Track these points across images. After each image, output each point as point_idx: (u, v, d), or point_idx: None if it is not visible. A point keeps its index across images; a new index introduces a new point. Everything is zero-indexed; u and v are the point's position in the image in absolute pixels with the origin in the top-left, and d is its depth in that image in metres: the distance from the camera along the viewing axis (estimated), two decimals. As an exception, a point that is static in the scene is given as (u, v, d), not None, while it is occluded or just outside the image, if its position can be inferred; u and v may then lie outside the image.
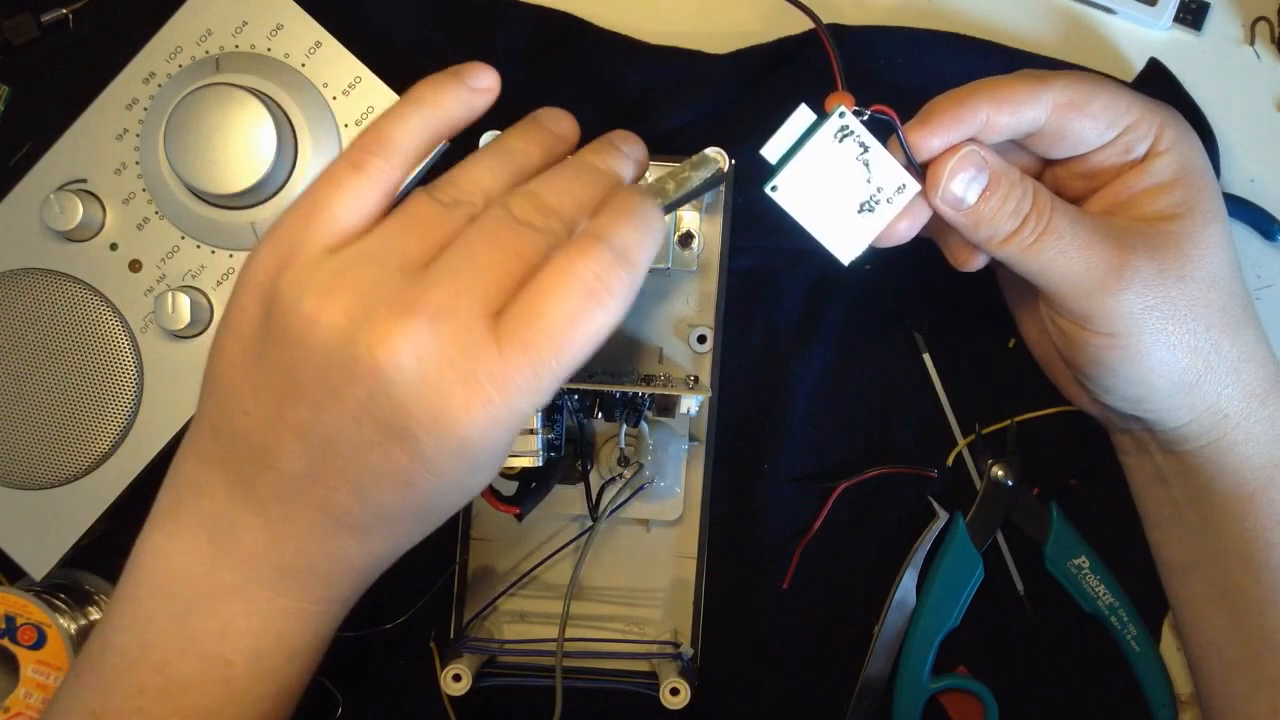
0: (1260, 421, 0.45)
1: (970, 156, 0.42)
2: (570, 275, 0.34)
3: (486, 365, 0.34)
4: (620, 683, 0.51)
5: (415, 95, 0.39)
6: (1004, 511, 0.53)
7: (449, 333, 0.34)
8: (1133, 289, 0.42)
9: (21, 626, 0.50)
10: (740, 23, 0.55)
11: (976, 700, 0.53)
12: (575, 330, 0.34)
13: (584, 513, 0.52)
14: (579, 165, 0.39)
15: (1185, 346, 0.43)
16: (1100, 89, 0.43)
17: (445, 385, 0.34)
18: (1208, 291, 0.43)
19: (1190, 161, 0.44)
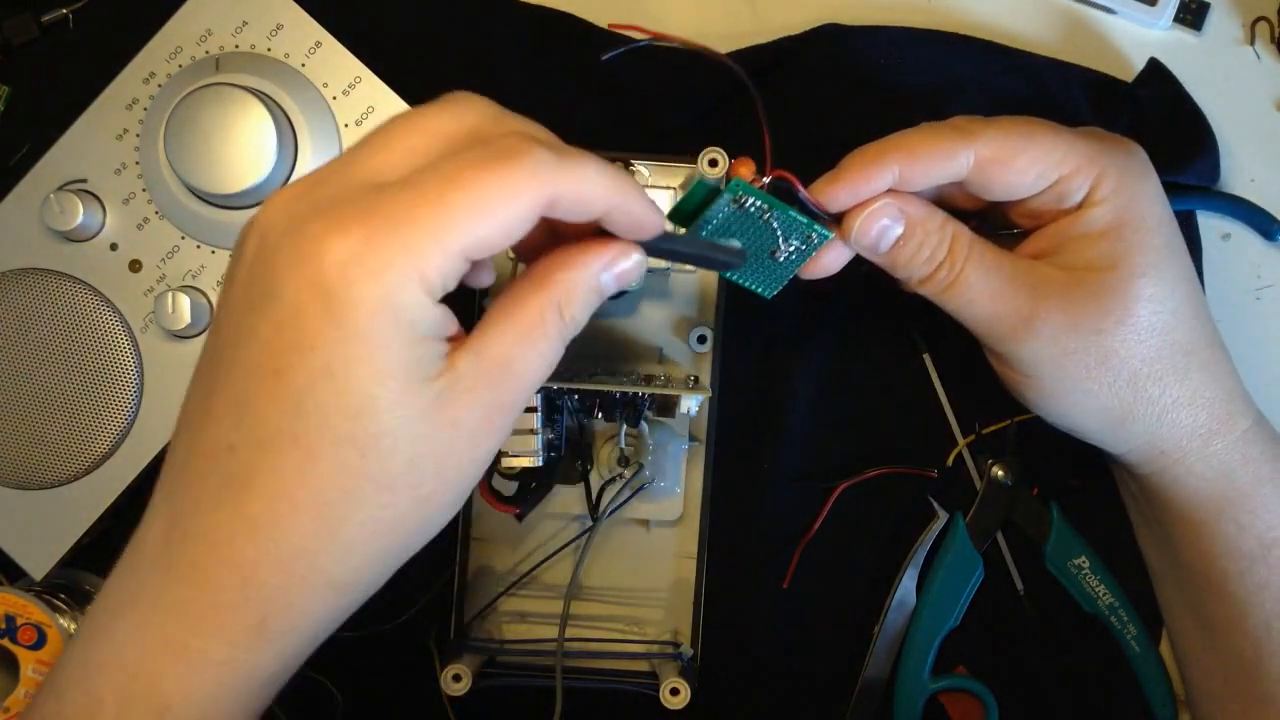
0: (1203, 459, 0.45)
1: (882, 210, 0.42)
2: (479, 143, 0.32)
3: (353, 203, 0.31)
4: (620, 683, 0.51)
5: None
6: (1004, 511, 0.53)
7: (327, 189, 0.32)
8: (1040, 339, 0.43)
9: (21, 626, 0.50)
10: (740, 23, 0.55)
11: (976, 700, 0.53)
12: (471, 174, 0.31)
13: (584, 513, 0.52)
14: None
15: (1103, 393, 0.44)
16: (1031, 142, 0.42)
17: (306, 224, 0.31)
18: (1134, 344, 0.43)
19: (1128, 213, 0.43)
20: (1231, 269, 0.55)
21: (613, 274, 0.36)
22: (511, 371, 0.34)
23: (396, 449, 0.32)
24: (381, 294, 0.31)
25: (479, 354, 0.33)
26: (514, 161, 0.32)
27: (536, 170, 0.32)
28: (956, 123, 0.43)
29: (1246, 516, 0.45)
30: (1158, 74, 0.53)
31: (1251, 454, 0.45)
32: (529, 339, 0.34)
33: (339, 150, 0.50)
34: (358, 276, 0.30)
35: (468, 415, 0.33)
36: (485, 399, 0.33)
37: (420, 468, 0.33)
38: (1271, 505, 0.45)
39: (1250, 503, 0.45)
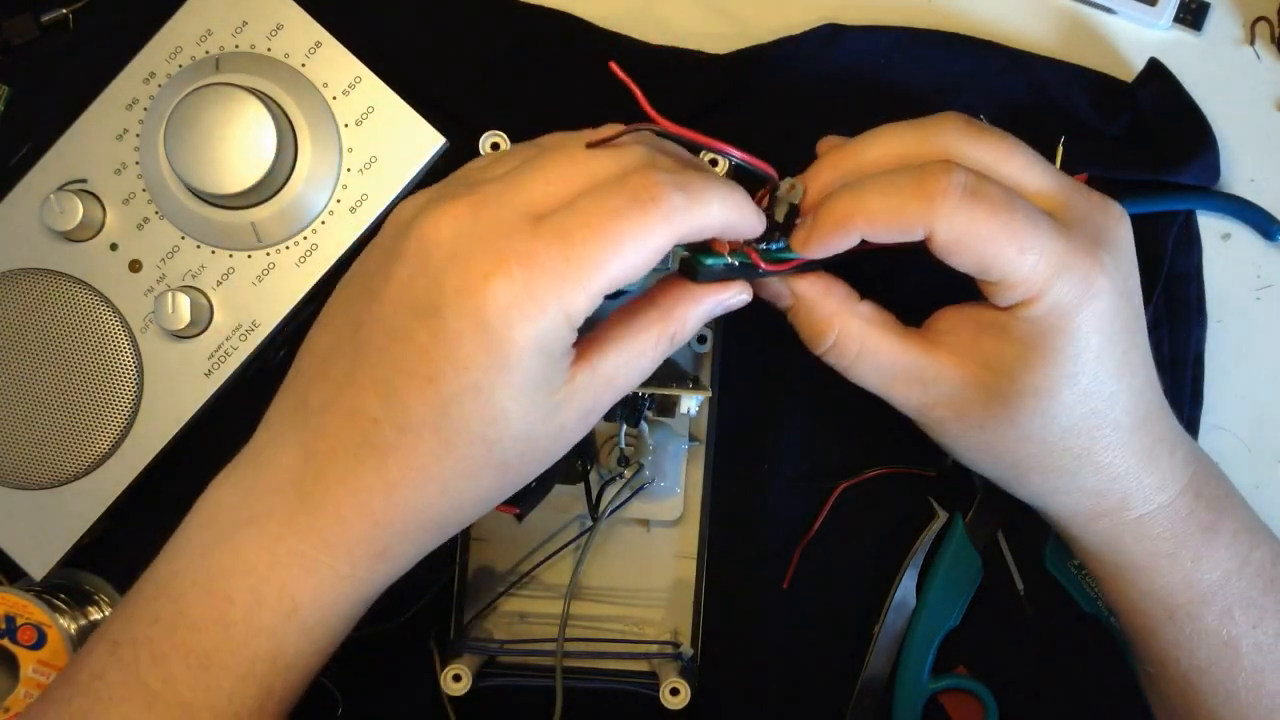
0: (1088, 534, 0.45)
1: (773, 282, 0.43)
2: (620, 182, 0.36)
3: (515, 242, 0.35)
4: (620, 683, 0.51)
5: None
6: (1004, 511, 0.53)
7: (490, 215, 0.36)
8: (932, 423, 0.44)
9: (21, 626, 0.50)
10: (740, 23, 0.55)
11: (976, 700, 0.53)
12: (613, 226, 0.35)
13: (584, 513, 0.52)
14: None
15: (988, 467, 0.45)
16: (993, 249, 0.39)
17: (473, 257, 0.35)
18: (1015, 442, 0.43)
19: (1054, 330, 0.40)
20: (1231, 269, 0.55)
21: (724, 307, 0.41)
22: (615, 385, 0.39)
23: (515, 445, 0.38)
24: (532, 334, 0.35)
25: (595, 370, 0.38)
26: (649, 210, 0.36)
27: (669, 216, 0.36)
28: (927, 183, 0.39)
29: (1144, 583, 0.44)
30: (1158, 74, 0.53)
31: (1146, 533, 0.44)
32: (637, 360, 0.39)
33: (339, 151, 0.50)
34: (515, 319, 0.35)
35: (573, 418, 0.38)
36: (590, 405, 0.39)
37: (528, 456, 0.38)
38: (1170, 577, 0.44)
39: (1146, 573, 0.44)
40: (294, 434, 0.39)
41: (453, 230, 0.36)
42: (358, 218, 0.50)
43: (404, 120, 0.50)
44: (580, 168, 0.37)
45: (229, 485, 0.40)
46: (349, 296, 0.40)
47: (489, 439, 0.37)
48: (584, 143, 0.39)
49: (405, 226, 0.37)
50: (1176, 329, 0.54)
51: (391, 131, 0.50)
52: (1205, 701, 0.45)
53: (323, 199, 0.50)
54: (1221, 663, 0.44)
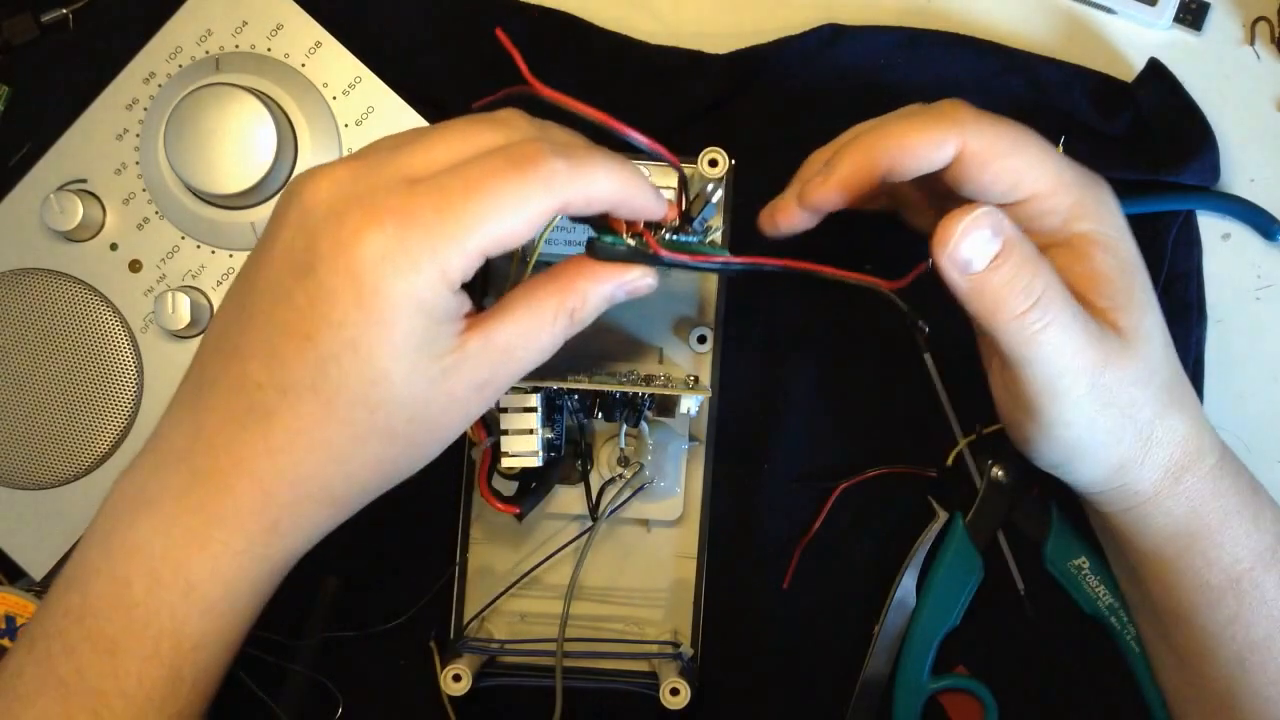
0: (1173, 497, 0.44)
1: (984, 218, 0.38)
2: (503, 152, 0.36)
3: (390, 199, 0.35)
4: (620, 683, 0.51)
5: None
6: (1004, 511, 0.53)
7: (369, 177, 0.36)
8: (1095, 395, 0.41)
9: (22, 626, 0.50)
10: (740, 23, 0.55)
11: (976, 700, 0.53)
12: (490, 184, 0.35)
13: (584, 513, 0.52)
14: None
15: (1119, 446, 0.43)
16: (1018, 149, 0.41)
17: (348, 213, 0.35)
18: (1144, 387, 0.42)
19: (1120, 250, 0.42)
20: (1231, 269, 0.55)
21: (626, 289, 0.40)
22: (513, 357, 0.38)
23: (401, 411, 0.37)
24: (405, 288, 0.35)
25: (488, 339, 0.38)
26: (527, 171, 0.36)
27: (549, 180, 0.36)
28: (946, 110, 0.41)
29: (1214, 551, 0.44)
30: (1158, 74, 0.53)
31: (1220, 488, 0.44)
32: (535, 333, 0.38)
33: (339, 152, 0.50)
34: (387, 272, 0.35)
35: (465, 389, 0.38)
36: (484, 377, 0.38)
37: (418, 425, 0.38)
38: (1238, 538, 0.44)
39: (1217, 536, 0.44)
40: (188, 412, 0.39)
41: (330, 192, 0.36)
42: (358, 218, 0.50)
43: (404, 120, 0.50)
44: (467, 138, 0.37)
45: (131, 471, 0.40)
46: (242, 272, 0.39)
47: (371, 401, 0.36)
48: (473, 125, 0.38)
49: (289, 195, 0.37)
50: (1176, 329, 0.53)
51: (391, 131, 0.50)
52: (1253, 682, 0.44)
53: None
54: (1277, 636, 0.44)
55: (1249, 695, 0.44)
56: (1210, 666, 0.45)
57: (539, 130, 0.39)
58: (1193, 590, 0.45)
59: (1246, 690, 0.44)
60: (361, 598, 0.52)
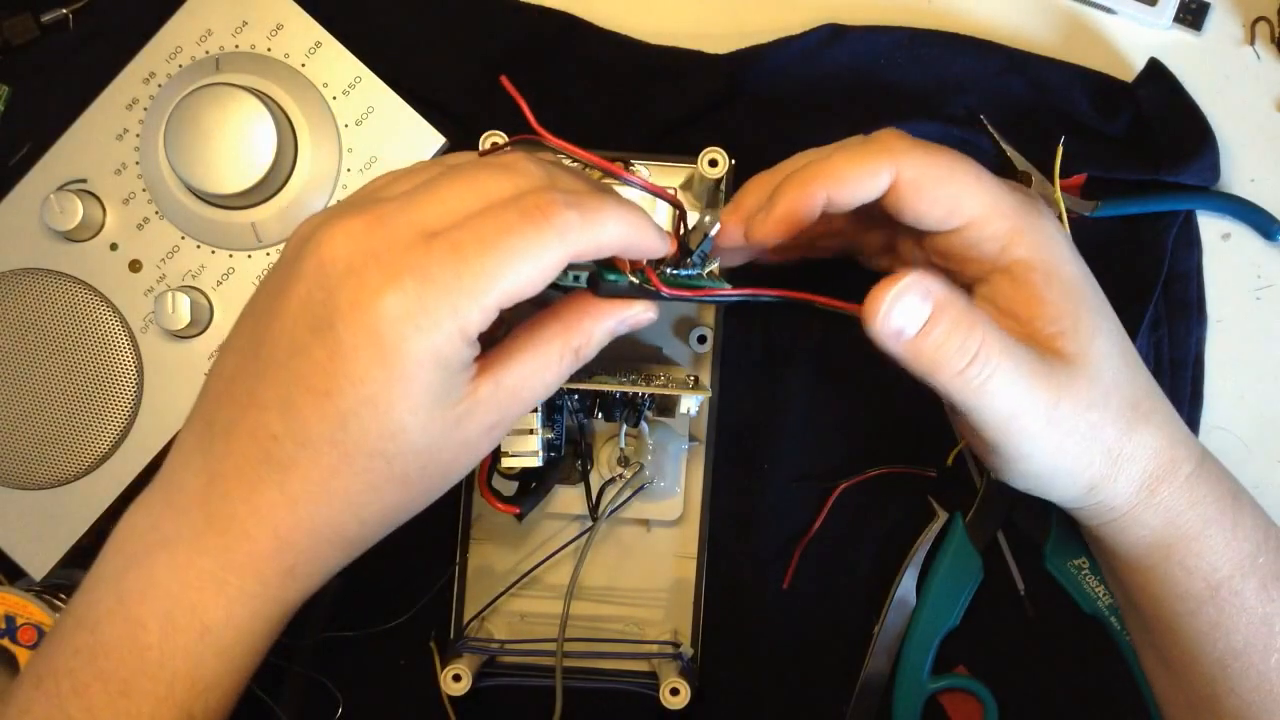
0: (1149, 509, 0.44)
1: (911, 285, 0.38)
2: (515, 202, 0.37)
3: (409, 257, 0.35)
4: (620, 683, 0.51)
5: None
6: (1004, 511, 0.53)
7: (385, 232, 0.36)
8: (1052, 428, 0.41)
9: (21, 626, 0.50)
10: (740, 23, 0.55)
11: (976, 700, 0.53)
12: (505, 240, 0.36)
13: (584, 513, 0.52)
14: None
15: (1081, 463, 0.42)
16: (953, 176, 0.41)
17: (367, 271, 0.35)
18: (1103, 409, 0.42)
19: (1063, 274, 0.42)
20: (1231, 269, 0.55)
21: (628, 324, 0.41)
22: (521, 398, 0.39)
23: (416, 459, 0.38)
24: (426, 346, 0.35)
25: (498, 383, 0.38)
26: (541, 225, 0.36)
27: (563, 233, 0.36)
28: (881, 140, 0.41)
29: (1192, 560, 0.44)
30: (1158, 74, 0.53)
31: (1196, 496, 0.44)
32: (542, 373, 0.39)
33: (339, 151, 0.50)
34: (408, 331, 0.35)
35: (477, 432, 0.38)
36: (494, 419, 0.39)
37: (431, 470, 0.38)
38: (1215, 546, 0.44)
39: (1195, 545, 0.44)
40: (200, 457, 0.39)
41: (348, 247, 0.36)
42: (358, 218, 0.50)
43: (404, 120, 0.50)
44: (477, 187, 0.37)
45: (141, 510, 0.40)
46: (253, 315, 0.39)
47: (388, 453, 0.37)
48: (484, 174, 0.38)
49: (303, 243, 0.37)
50: (1176, 329, 0.54)
51: (391, 131, 0.50)
52: (1235, 688, 0.44)
53: (323, 199, 0.50)
54: (1257, 643, 0.44)
55: (1233, 701, 0.44)
56: (1193, 673, 0.45)
57: (547, 176, 0.39)
58: (1173, 599, 0.45)
59: (1230, 696, 0.45)
60: (361, 598, 0.52)
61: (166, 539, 0.39)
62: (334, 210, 0.38)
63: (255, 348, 0.38)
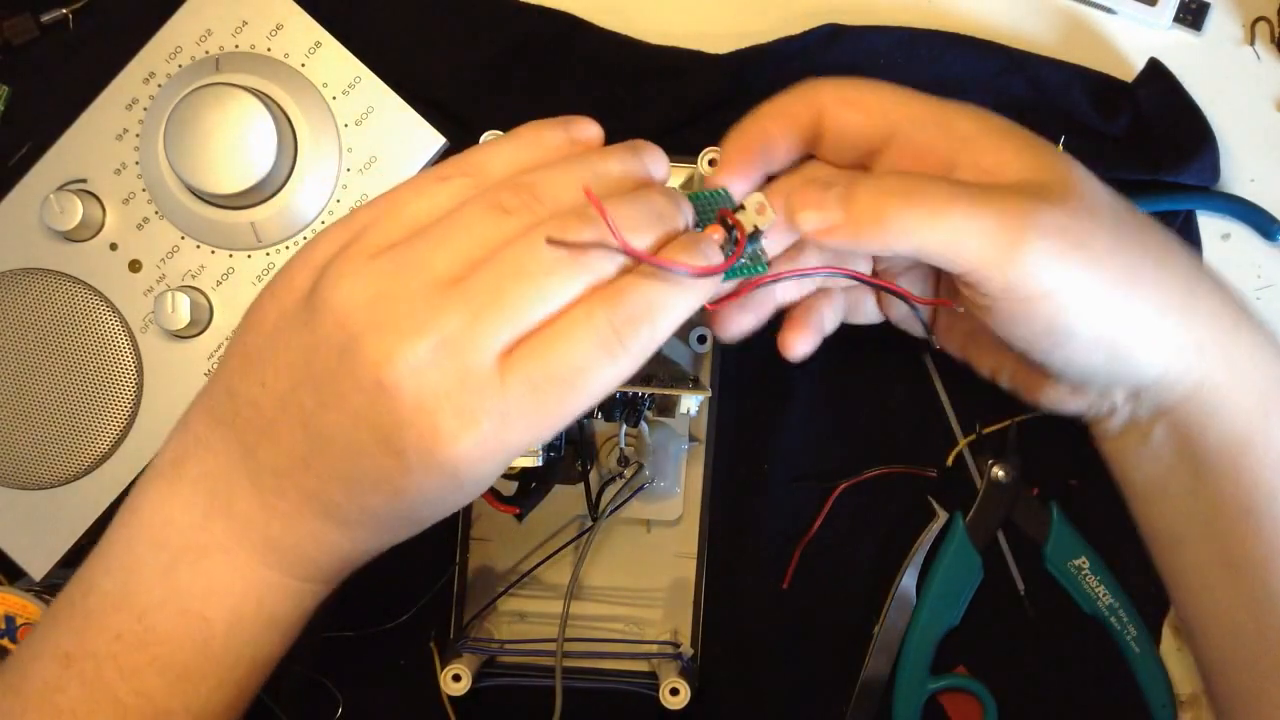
0: (1239, 348, 0.41)
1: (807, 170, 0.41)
2: (588, 324, 0.35)
3: (485, 400, 0.34)
4: (620, 683, 0.51)
5: (517, 132, 0.38)
6: (1004, 511, 0.53)
7: (453, 365, 0.34)
8: (1042, 234, 0.38)
9: (21, 626, 0.50)
10: (740, 23, 0.55)
11: (976, 700, 0.53)
12: (582, 379, 0.35)
13: (584, 513, 0.52)
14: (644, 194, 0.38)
15: (1125, 282, 0.39)
16: (870, 86, 0.42)
17: (440, 414, 0.34)
18: (1120, 223, 0.40)
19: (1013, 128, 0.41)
20: (1231, 269, 0.55)
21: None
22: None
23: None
24: (496, 470, 0.36)
25: None
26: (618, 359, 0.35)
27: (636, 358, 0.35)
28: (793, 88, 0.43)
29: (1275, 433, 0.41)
30: (1158, 74, 0.53)
31: (1276, 342, 0.42)
32: None
33: (339, 151, 0.50)
34: (484, 470, 0.36)
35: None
36: None
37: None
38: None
39: (1274, 420, 0.41)
40: (246, 483, 0.39)
41: (414, 381, 0.34)
42: (358, 218, 0.50)
43: (404, 120, 0.50)
44: (543, 284, 0.35)
45: (178, 506, 0.40)
46: (287, 361, 0.37)
47: (429, 518, 0.39)
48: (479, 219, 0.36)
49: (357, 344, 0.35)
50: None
51: (391, 131, 0.50)
52: None
53: (322, 199, 0.50)
54: None
55: None
56: (1277, 568, 0.42)
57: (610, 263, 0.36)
58: (1271, 468, 0.42)
59: None
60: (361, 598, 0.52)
61: (222, 544, 0.39)
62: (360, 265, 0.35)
63: (298, 406, 0.37)
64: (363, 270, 0.35)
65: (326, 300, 0.35)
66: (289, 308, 0.37)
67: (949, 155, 0.41)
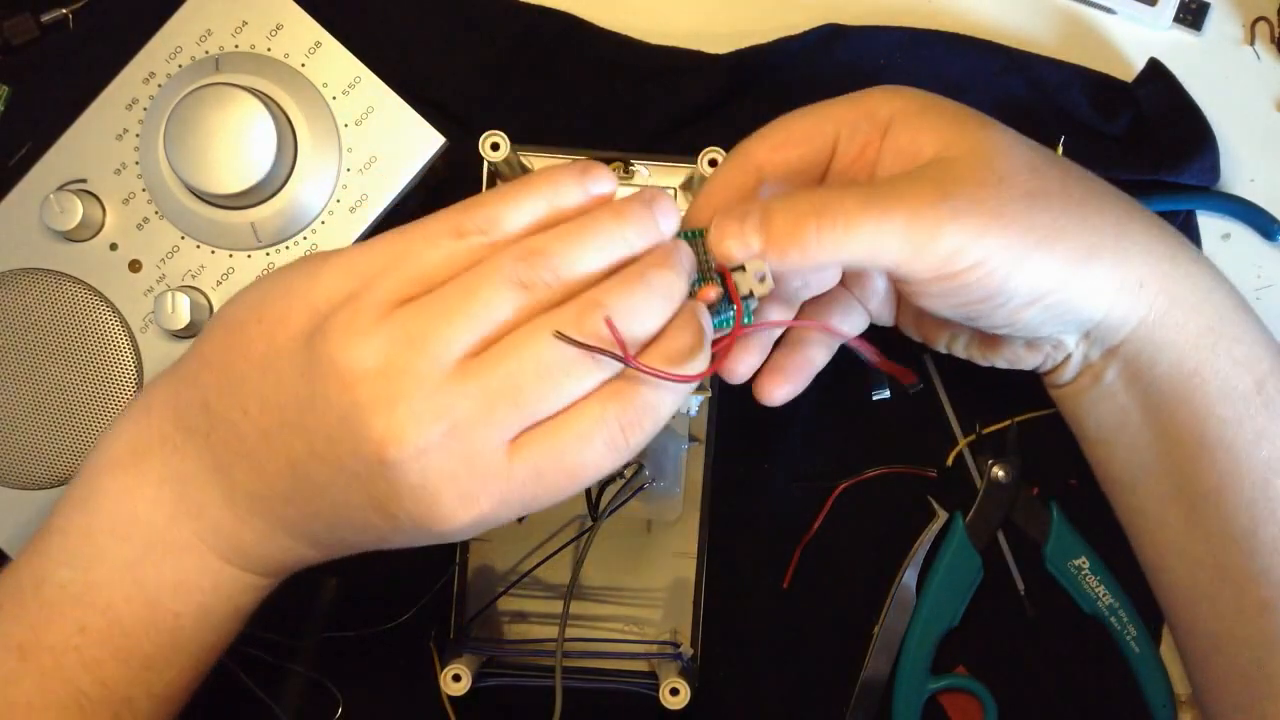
0: (1179, 282, 0.42)
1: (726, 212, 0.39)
2: (601, 423, 0.35)
3: (489, 485, 0.35)
4: (620, 683, 0.51)
5: (533, 181, 0.37)
6: (1004, 511, 0.53)
7: (461, 450, 0.34)
8: (955, 216, 0.38)
9: None
10: (740, 23, 0.55)
11: (976, 700, 0.53)
12: (587, 473, 0.36)
13: (584, 513, 0.52)
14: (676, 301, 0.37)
15: (1049, 237, 0.40)
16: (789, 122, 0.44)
17: (441, 496, 0.35)
18: (1038, 179, 0.40)
19: (931, 103, 0.43)
20: (1231, 269, 0.54)
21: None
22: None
23: None
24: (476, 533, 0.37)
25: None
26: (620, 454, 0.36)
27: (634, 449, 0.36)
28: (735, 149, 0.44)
29: (1239, 349, 0.42)
30: (1158, 74, 0.53)
31: (1219, 284, 0.43)
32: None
33: (339, 151, 0.50)
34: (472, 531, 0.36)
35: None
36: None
37: None
38: (1255, 334, 0.43)
39: (1235, 329, 0.42)
40: (218, 495, 0.39)
41: (419, 463, 0.34)
42: (357, 218, 0.50)
43: (404, 120, 0.50)
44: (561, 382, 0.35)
45: (144, 502, 0.39)
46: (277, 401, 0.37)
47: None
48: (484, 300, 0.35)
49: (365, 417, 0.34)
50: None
51: (391, 131, 0.50)
52: (1276, 510, 0.42)
53: (322, 199, 0.50)
54: None
55: (1273, 528, 0.42)
56: (1231, 501, 0.43)
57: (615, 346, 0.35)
58: (1220, 403, 0.42)
59: (1270, 522, 0.42)
60: (361, 598, 0.52)
61: (191, 545, 0.39)
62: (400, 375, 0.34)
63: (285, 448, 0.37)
64: (372, 333, 0.34)
65: (333, 359, 0.34)
66: (282, 345, 0.36)
67: (878, 147, 0.42)
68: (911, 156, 0.41)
